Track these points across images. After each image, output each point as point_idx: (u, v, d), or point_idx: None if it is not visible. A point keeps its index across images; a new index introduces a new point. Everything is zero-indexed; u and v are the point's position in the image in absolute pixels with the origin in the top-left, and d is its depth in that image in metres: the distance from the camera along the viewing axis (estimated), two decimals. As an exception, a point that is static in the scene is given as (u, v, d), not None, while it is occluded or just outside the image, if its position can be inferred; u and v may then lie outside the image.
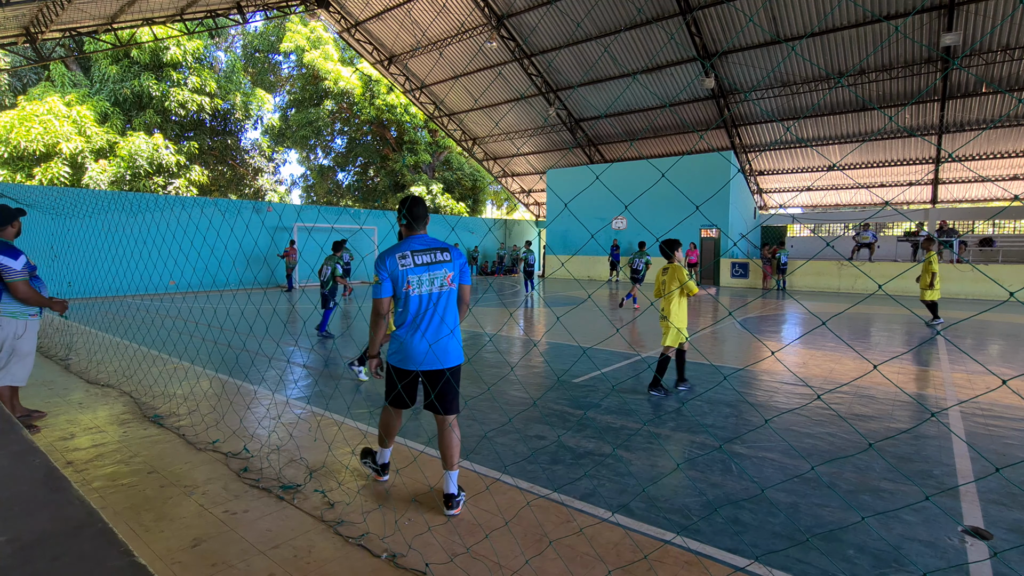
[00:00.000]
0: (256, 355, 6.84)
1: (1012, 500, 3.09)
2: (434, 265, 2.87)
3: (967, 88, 16.20)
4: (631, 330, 9.32)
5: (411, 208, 2.93)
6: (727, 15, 15.80)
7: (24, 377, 3.95)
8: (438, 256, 2.90)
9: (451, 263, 2.92)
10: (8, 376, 3.85)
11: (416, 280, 2.84)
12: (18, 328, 3.85)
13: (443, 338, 2.87)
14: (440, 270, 2.88)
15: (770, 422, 4.35)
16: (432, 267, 2.87)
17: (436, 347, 2.85)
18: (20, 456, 0.82)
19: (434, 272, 2.87)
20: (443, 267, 2.89)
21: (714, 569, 2.41)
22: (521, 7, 17.85)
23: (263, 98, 27.34)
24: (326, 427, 4.20)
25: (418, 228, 2.96)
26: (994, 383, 5.72)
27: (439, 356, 2.86)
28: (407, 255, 2.84)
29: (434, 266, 2.87)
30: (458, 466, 2.93)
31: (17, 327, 3.84)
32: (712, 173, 18.94)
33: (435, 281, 2.87)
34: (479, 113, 24.24)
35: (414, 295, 2.84)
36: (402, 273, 2.82)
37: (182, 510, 2.90)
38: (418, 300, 2.85)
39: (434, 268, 2.87)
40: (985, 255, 18.35)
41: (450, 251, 2.93)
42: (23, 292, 3.73)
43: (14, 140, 18.32)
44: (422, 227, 2.97)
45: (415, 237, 2.93)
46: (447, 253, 2.92)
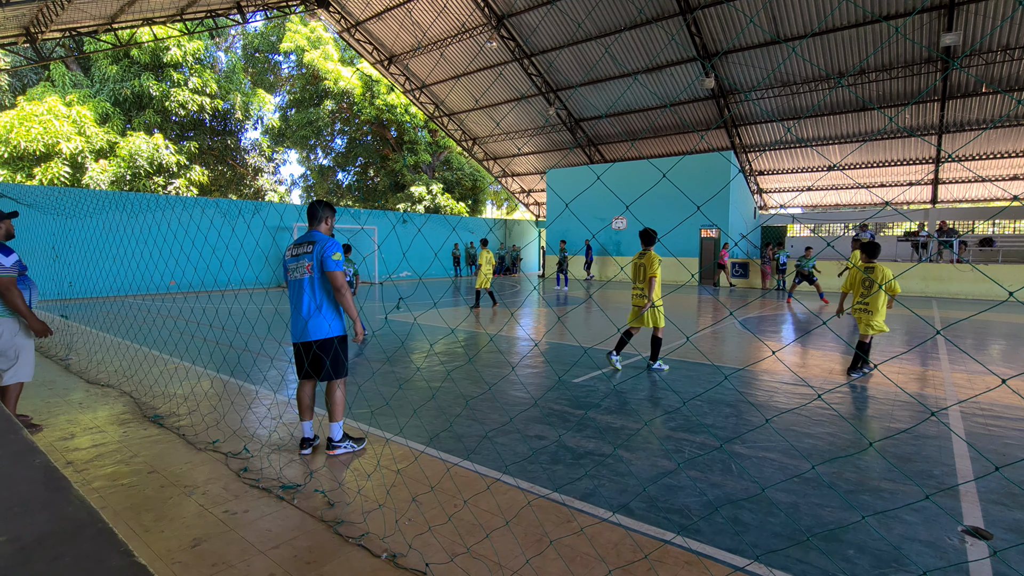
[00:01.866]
0: (257, 355, 6.84)
1: (1012, 500, 3.09)
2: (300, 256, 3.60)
3: (967, 88, 16.20)
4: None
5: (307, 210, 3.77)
6: (727, 15, 15.80)
7: (30, 372, 3.93)
8: (302, 248, 3.60)
9: (310, 254, 3.55)
10: (18, 373, 3.83)
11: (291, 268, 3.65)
12: (16, 326, 3.81)
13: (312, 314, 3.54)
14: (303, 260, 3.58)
15: (770, 422, 4.35)
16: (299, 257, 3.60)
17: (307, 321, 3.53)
18: (20, 456, 0.82)
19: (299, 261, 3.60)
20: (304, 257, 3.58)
21: (714, 569, 2.41)
22: (521, 7, 17.84)
23: (263, 98, 27.34)
24: (327, 427, 4.20)
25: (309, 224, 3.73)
26: (994, 383, 5.72)
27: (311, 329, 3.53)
28: (291, 247, 3.71)
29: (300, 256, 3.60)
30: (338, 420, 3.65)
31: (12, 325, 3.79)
32: (712, 173, 18.94)
33: (299, 269, 3.59)
34: (479, 113, 24.24)
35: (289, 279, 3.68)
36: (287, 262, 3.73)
37: (182, 510, 2.90)
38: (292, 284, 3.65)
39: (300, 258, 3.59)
40: (985, 255, 18.35)
41: (316, 243, 3.55)
42: (6, 290, 3.64)
43: (14, 140, 18.32)
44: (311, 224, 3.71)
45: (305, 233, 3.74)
46: (310, 245, 3.56)
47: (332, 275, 3.46)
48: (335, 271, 3.46)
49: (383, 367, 6.22)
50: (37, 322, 3.82)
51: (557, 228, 23.62)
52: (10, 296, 3.68)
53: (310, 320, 3.49)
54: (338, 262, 3.47)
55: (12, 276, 3.69)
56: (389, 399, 4.79)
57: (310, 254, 3.51)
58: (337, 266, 3.46)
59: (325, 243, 3.50)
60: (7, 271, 3.66)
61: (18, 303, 3.71)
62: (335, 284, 3.48)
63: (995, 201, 20.98)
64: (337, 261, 3.47)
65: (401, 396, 5.02)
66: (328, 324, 3.53)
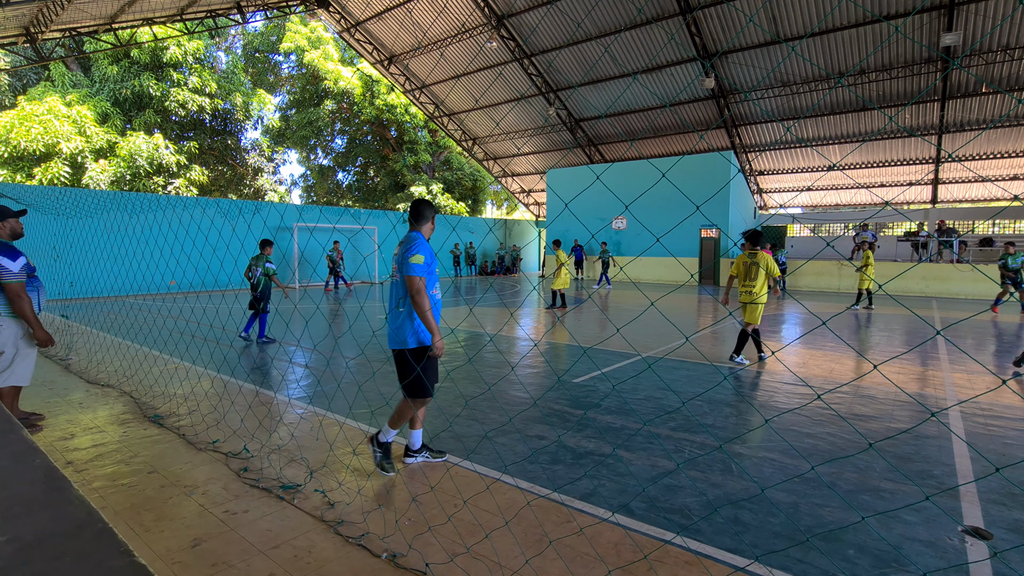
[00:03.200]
0: (258, 355, 6.84)
1: (1012, 500, 3.09)
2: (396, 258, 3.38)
3: (967, 88, 16.20)
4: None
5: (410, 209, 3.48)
6: (727, 15, 15.80)
7: (28, 376, 3.88)
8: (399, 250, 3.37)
9: (398, 256, 3.33)
10: (13, 376, 3.77)
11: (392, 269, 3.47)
12: (19, 328, 3.76)
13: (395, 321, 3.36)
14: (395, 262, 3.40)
15: (770, 422, 4.35)
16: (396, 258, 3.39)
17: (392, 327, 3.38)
18: (20, 456, 0.82)
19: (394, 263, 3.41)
20: (396, 259, 3.36)
21: (714, 569, 2.41)
22: (521, 7, 17.84)
23: (263, 98, 27.34)
24: (327, 427, 4.20)
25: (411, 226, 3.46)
26: (994, 383, 5.72)
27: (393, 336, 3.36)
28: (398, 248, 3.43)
29: (396, 258, 3.38)
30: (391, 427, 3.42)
31: (13, 327, 3.74)
32: (712, 173, 18.94)
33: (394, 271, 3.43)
34: (479, 113, 24.24)
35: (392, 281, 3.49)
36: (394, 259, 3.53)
37: (182, 510, 2.90)
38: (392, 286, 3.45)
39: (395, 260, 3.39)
40: (985, 255, 18.35)
41: (402, 245, 3.33)
42: (16, 297, 3.60)
43: (14, 140, 18.32)
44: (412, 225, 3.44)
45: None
46: (401, 247, 3.34)
47: (407, 280, 3.17)
48: (411, 276, 3.15)
49: (383, 367, 6.22)
50: (43, 332, 3.74)
51: (557, 228, 23.62)
52: (19, 304, 3.61)
53: (391, 327, 3.34)
54: (417, 266, 3.15)
55: (21, 282, 3.62)
56: (389, 399, 4.79)
57: (398, 256, 3.32)
58: (414, 270, 3.15)
59: (409, 244, 3.24)
60: (16, 276, 3.59)
61: (26, 311, 3.64)
62: (409, 290, 3.18)
63: (995, 201, 20.98)
64: (416, 265, 3.15)
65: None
66: (405, 334, 3.25)
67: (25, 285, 3.66)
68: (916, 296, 15.53)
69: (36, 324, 3.70)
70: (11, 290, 3.58)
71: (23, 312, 3.63)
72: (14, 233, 3.83)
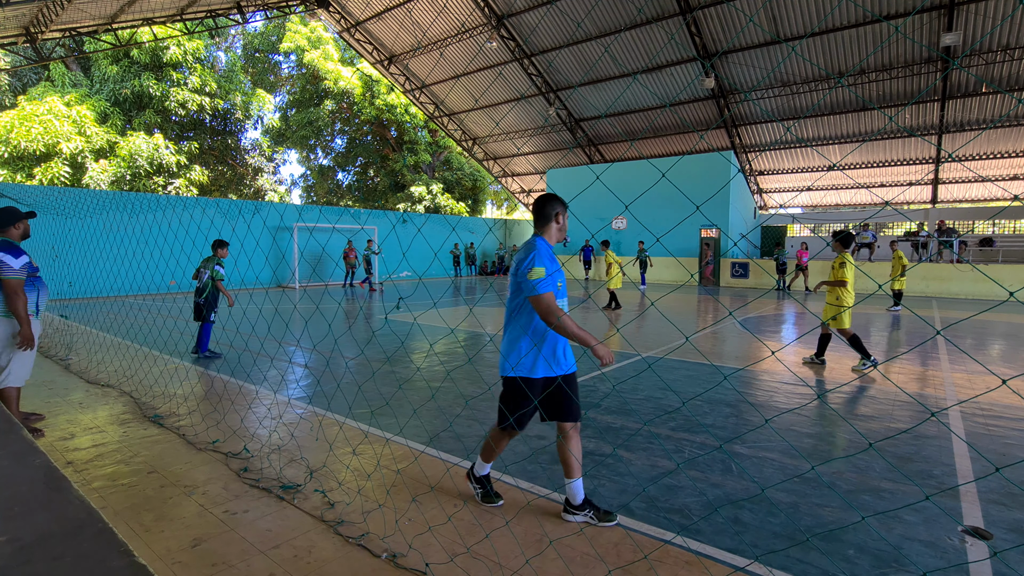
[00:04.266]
0: (257, 355, 6.84)
1: (1012, 500, 3.09)
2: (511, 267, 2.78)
3: (967, 88, 16.20)
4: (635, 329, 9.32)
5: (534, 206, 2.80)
6: (727, 15, 15.80)
7: (23, 377, 3.85)
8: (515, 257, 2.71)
9: (513, 265, 2.68)
10: (10, 378, 3.74)
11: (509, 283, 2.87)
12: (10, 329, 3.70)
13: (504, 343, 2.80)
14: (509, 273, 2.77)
15: (770, 422, 4.35)
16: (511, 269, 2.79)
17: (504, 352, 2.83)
18: (20, 456, 0.82)
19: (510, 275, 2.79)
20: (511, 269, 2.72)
21: (714, 569, 2.41)
22: (521, 7, 17.84)
23: (263, 98, 27.34)
24: (327, 427, 4.20)
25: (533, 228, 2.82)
26: (994, 383, 5.72)
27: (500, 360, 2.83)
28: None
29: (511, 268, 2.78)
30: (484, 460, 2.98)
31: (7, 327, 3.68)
32: (712, 173, 18.94)
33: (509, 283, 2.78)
34: (479, 113, 24.24)
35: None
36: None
37: (182, 510, 2.90)
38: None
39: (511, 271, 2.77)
40: (985, 255, 18.36)
41: (519, 251, 2.69)
42: (13, 293, 3.56)
43: (14, 140, 18.32)
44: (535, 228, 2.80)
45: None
46: (517, 254, 2.69)
47: (533, 303, 2.52)
48: (534, 296, 2.50)
49: (383, 367, 6.22)
50: (28, 331, 3.68)
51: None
52: (14, 300, 3.58)
53: (503, 348, 2.78)
54: (539, 283, 2.47)
55: (21, 279, 3.61)
56: (389, 399, 4.79)
57: (513, 266, 2.71)
58: (536, 288, 2.47)
59: (526, 252, 2.62)
60: (16, 273, 3.58)
61: (19, 308, 3.61)
62: (537, 310, 2.54)
63: (995, 201, 20.98)
64: (538, 282, 2.47)
65: (401, 396, 5.02)
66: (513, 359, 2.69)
67: (24, 283, 3.64)
68: (916, 296, 15.53)
69: (25, 321, 3.66)
70: (9, 286, 3.56)
71: (15, 309, 3.60)
72: (24, 234, 3.84)
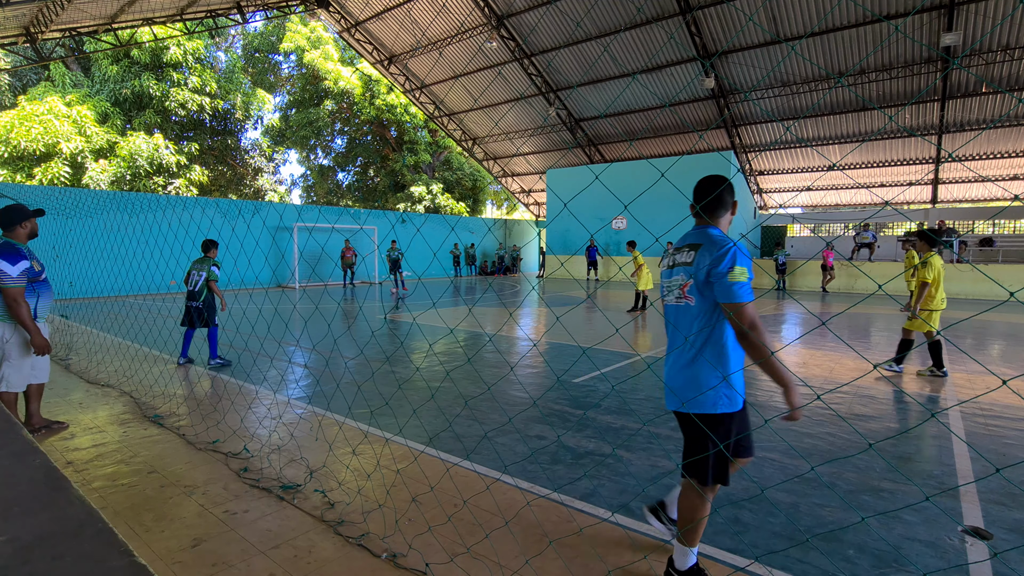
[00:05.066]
0: (257, 355, 6.84)
1: (1012, 500, 3.09)
2: (677, 267, 2.21)
3: (967, 88, 16.20)
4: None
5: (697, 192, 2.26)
6: (727, 15, 15.80)
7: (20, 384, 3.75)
8: (683, 256, 2.18)
9: (689, 266, 2.11)
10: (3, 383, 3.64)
11: (665, 286, 2.28)
12: (14, 335, 3.64)
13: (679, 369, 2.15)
14: (677, 275, 2.19)
15: (770, 422, 4.35)
16: (673, 270, 2.24)
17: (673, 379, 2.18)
18: (20, 456, 0.82)
19: (675, 277, 2.22)
20: (680, 270, 2.17)
21: (714, 569, 2.41)
22: (521, 7, 17.84)
23: (263, 98, 27.34)
24: (327, 427, 4.20)
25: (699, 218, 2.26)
26: (994, 383, 5.72)
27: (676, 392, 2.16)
28: (668, 253, 2.33)
29: (677, 268, 2.21)
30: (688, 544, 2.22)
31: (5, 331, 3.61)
32: (712, 173, 18.91)
33: (675, 289, 2.21)
34: (479, 113, 24.24)
35: (664, 305, 2.30)
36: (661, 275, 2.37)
37: (182, 510, 2.90)
38: (666, 313, 2.28)
39: (677, 271, 2.21)
40: (985, 255, 18.35)
41: (701, 249, 2.10)
42: (13, 302, 3.47)
43: (14, 140, 18.32)
44: (697, 217, 2.27)
45: (690, 230, 2.29)
46: (692, 252, 2.13)
47: (737, 311, 1.97)
48: (738, 303, 1.96)
49: (383, 367, 6.22)
50: (40, 338, 3.60)
51: (557, 228, 23.63)
52: (16, 309, 3.49)
53: (681, 376, 2.15)
54: (742, 287, 1.96)
55: (19, 287, 3.48)
56: (389, 399, 4.79)
57: (689, 266, 2.12)
58: (742, 293, 1.96)
59: (718, 246, 2.05)
60: (14, 281, 3.45)
61: (23, 316, 3.51)
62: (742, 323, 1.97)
63: (995, 201, 20.98)
64: (741, 286, 1.96)
65: (401, 396, 5.02)
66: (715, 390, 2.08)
67: (24, 290, 3.53)
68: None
69: (34, 331, 3.57)
70: (8, 295, 3.47)
71: (20, 318, 3.51)
72: (32, 233, 3.74)
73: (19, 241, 3.67)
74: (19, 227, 3.64)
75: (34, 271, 3.67)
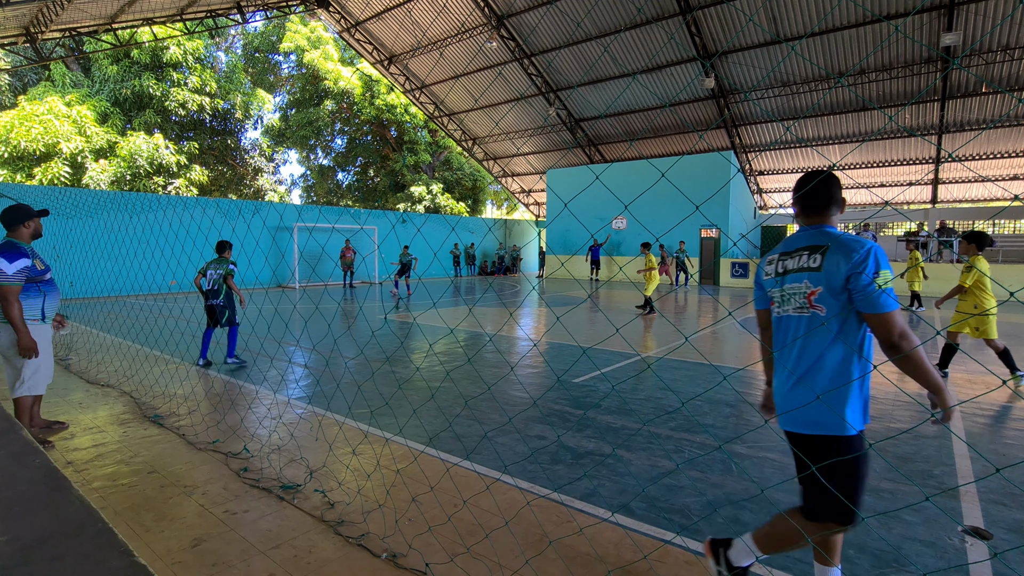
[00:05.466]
0: (257, 355, 6.84)
1: (1012, 500, 3.09)
2: (792, 274, 1.93)
3: (967, 88, 16.20)
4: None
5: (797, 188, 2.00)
6: (727, 15, 15.80)
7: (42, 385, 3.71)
8: (802, 260, 1.90)
9: (817, 271, 1.84)
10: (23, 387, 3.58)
11: (775, 295, 2.02)
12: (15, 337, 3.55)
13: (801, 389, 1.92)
14: (798, 282, 1.90)
15: (770, 422, 4.35)
16: (789, 276, 1.95)
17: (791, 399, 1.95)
18: (20, 456, 0.82)
19: (791, 284, 1.93)
20: (802, 276, 1.89)
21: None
22: (521, 7, 17.85)
23: (263, 98, 27.35)
24: (327, 427, 4.21)
25: (803, 219, 2.01)
26: (994, 383, 5.72)
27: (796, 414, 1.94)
28: (774, 258, 2.05)
29: (792, 275, 1.93)
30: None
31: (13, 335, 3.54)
32: (712, 173, 18.94)
33: (792, 298, 1.94)
34: (479, 113, 24.25)
35: (774, 316, 2.06)
36: (765, 283, 2.08)
37: (182, 510, 2.90)
38: (777, 325, 2.04)
39: (791, 278, 1.93)
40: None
41: (829, 251, 1.82)
42: (3, 300, 3.38)
43: (14, 140, 18.32)
44: (806, 217, 2.00)
45: (799, 231, 2.01)
46: (816, 255, 1.85)
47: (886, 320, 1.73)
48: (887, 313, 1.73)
49: (383, 367, 6.22)
50: (28, 340, 3.48)
51: (557, 228, 23.63)
52: (7, 306, 3.39)
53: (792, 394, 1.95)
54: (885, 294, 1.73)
55: (13, 285, 3.40)
56: (389, 399, 4.80)
57: (816, 272, 1.84)
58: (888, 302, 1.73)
59: (859, 251, 1.76)
60: (8, 279, 3.37)
61: (13, 316, 3.41)
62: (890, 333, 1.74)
63: (995, 201, 20.99)
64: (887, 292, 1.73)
65: (400, 396, 5.02)
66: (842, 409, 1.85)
67: (19, 289, 3.45)
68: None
69: (22, 331, 3.47)
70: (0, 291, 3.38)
71: (10, 317, 3.42)
72: (36, 234, 3.69)
73: (22, 241, 3.62)
74: (22, 227, 3.59)
75: (36, 270, 3.60)
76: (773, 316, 2.06)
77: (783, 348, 1.99)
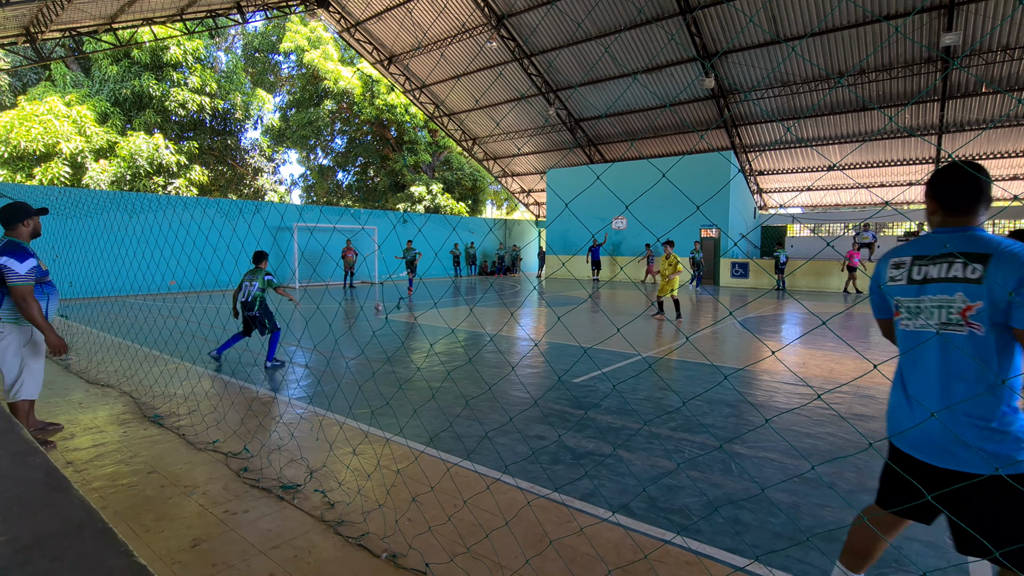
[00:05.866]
0: (257, 355, 6.84)
1: (1012, 500, 3.08)
2: (937, 283, 1.66)
3: (967, 88, 16.20)
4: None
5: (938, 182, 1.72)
6: (727, 15, 15.80)
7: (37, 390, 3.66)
8: (954, 269, 1.63)
9: (977, 283, 1.57)
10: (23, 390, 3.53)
11: (908, 305, 1.74)
12: (22, 336, 3.53)
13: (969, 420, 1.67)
14: (947, 293, 1.63)
15: (770, 422, 4.35)
16: (931, 286, 1.67)
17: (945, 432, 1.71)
18: (20, 456, 0.82)
19: (935, 295, 1.66)
20: (954, 288, 1.62)
21: (714, 569, 2.41)
22: (521, 7, 17.85)
23: (263, 98, 27.35)
24: (328, 427, 4.20)
25: (944, 217, 1.72)
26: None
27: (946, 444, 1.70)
28: (905, 261, 1.76)
29: (936, 284, 1.66)
30: None
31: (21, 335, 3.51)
32: (712, 173, 18.95)
33: (935, 311, 1.67)
34: (479, 113, 24.25)
35: (902, 329, 1.79)
36: (890, 290, 1.80)
37: (182, 510, 2.90)
38: (909, 339, 1.76)
39: (935, 288, 1.66)
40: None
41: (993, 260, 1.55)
42: (21, 300, 3.35)
43: (14, 140, 18.32)
44: (950, 216, 1.70)
45: (936, 232, 1.74)
46: (976, 266, 1.58)
47: None
48: None
49: (383, 367, 6.22)
50: (55, 337, 3.42)
51: (557, 228, 23.63)
52: (26, 308, 3.35)
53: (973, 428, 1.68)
54: None
55: (28, 284, 3.35)
56: (389, 399, 4.79)
57: (977, 284, 1.57)
58: None
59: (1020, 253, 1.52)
60: (22, 279, 3.32)
61: (35, 315, 3.38)
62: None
63: (995, 201, 20.96)
64: None
65: (401, 396, 5.02)
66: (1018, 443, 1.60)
67: (33, 289, 3.41)
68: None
69: (47, 329, 3.43)
70: (16, 293, 3.33)
71: (31, 317, 3.37)
72: (35, 232, 3.63)
73: (22, 239, 3.56)
74: (21, 225, 3.52)
75: (41, 270, 3.56)
76: (899, 329, 1.79)
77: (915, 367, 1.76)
